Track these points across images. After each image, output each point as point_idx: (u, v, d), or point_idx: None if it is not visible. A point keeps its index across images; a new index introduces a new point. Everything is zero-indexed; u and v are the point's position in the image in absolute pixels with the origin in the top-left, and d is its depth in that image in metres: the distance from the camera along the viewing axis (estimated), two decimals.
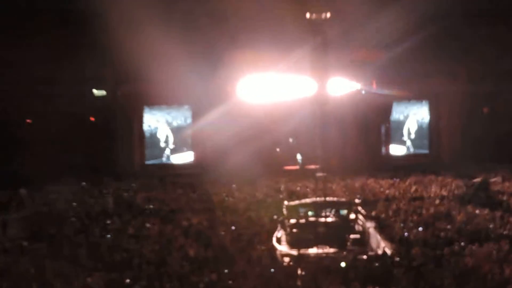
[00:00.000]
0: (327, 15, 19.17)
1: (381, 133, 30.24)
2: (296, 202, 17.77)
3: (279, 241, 15.63)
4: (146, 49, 24.92)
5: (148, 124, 29.62)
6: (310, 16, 19.31)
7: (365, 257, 13.95)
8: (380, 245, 14.75)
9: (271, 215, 18.53)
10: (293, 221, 16.62)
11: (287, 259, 14.34)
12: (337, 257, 13.99)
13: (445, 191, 22.46)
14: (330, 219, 16.68)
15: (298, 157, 28.95)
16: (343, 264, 13.50)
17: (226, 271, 13.67)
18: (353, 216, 16.97)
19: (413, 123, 31.09)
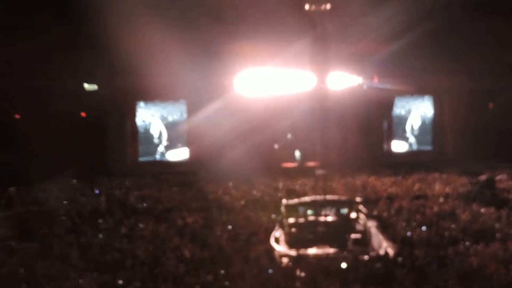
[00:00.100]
0: (327, 6, 19.17)
1: (383, 129, 30.25)
2: (295, 200, 17.75)
3: (277, 241, 15.61)
4: (140, 42, 24.88)
5: (142, 119, 29.58)
6: (309, 7, 19.31)
7: (366, 257, 13.94)
8: (382, 245, 14.74)
9: (269, 214, 18.56)
10: (292, 220, 16.61)
11: (285, 260, 14.32)
12: (338, 258, 13.96)
13: (449, 189, 22.50)
14: (330, 218, 16.69)
15: (296, 154, 28.95)
16: (343, 265, 13.50)
17: (222, 272, 13.66)
18: (354, 215, 16.97)
19: (416, 118, 31.08)
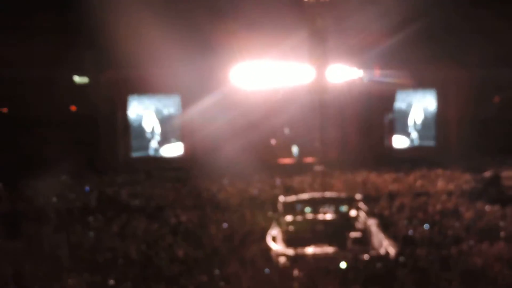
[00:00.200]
0: None
1: (384, 123, 30.25)
2: (292, 197, 17.70)
3: (274, 240, 15.61)
4: (132, 33, 24.83)
5: (134, 114, 29.55)
6: None
7: (366, 257, 13.94)
8: (382, 244, 14.74)
9: (265, 212, 18.56)
10: (289, 218, 16.58)
11: (282, 259, 14.31)
12: (337, 257, 13.94)
13: (452, 186, 22.51)
14: (329, 216, 16.66)
15: (294, 149, 28.96)
16: (343, 264, 13.49)
17: (217, 272, 13.64)
18: (353, 213, 16.94)
19: (418, 113, 31.09)
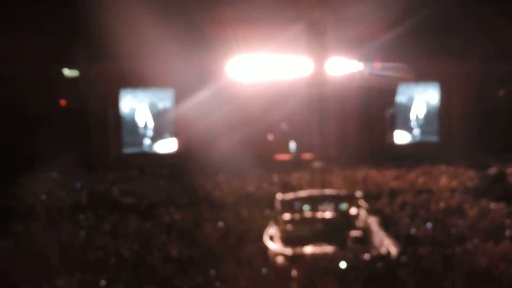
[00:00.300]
0: None
1: (385, 118, 30.29)
2: (290, 195, 17.68)
3: (271, 238, 15.60)
4: (124, 24, 24.77)
5: (126, 108, 29.52)
6: None
7: (367, 256, 13.93)
8: (384, 243, 14.73)
9: (262, 210, 18.55)
10: (287, 216, 16.57)
11: (280, 259, 14.30)
12: (336, 257, 13.93)
13: (456, 183, 22.51)
14: (328, 215, 16.65)
15: (292, 145, 28.96)
16: (342, 264, 13.49)
17: (213, 272, 13.65)
18: (354, 211, 16.92)
19: (421, 107, 31.12)
